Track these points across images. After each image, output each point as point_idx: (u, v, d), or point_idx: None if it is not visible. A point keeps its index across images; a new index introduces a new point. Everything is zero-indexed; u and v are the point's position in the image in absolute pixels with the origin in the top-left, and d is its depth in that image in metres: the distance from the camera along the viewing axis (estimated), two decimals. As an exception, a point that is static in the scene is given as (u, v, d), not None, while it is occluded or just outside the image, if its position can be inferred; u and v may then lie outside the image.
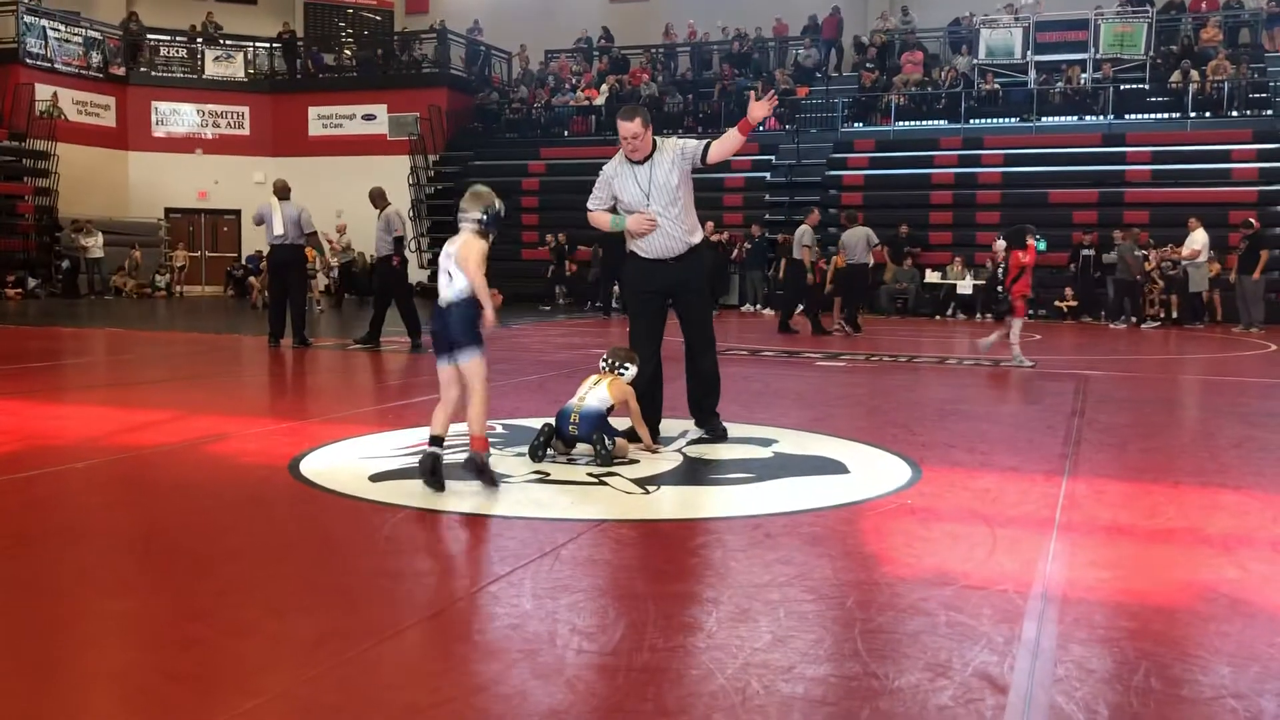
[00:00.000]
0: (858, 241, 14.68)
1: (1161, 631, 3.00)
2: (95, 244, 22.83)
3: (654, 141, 5.83)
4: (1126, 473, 5.33)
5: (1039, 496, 4.67)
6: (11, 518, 4.23)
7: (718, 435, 6.04)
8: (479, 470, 4.52)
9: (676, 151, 5.80)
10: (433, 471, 4.51)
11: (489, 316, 4.56)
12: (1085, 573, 3.57)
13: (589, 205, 5.99)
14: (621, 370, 5.54)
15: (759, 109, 5.69)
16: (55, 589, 3.36)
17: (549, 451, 5.30)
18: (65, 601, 3.25)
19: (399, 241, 11.71)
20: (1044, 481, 4.98)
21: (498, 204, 4.69)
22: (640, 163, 5.80)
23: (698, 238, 5.95)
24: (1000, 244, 15.75)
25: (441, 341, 4.63)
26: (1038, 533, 4.05)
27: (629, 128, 5.72)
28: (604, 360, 5.64)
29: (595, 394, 5.32)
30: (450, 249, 4.60)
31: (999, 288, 10.11)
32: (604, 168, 5.98)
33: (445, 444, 4.62)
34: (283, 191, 11.67)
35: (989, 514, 4.32)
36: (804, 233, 14.70)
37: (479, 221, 4.61)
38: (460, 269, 4.52)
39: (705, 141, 5.85)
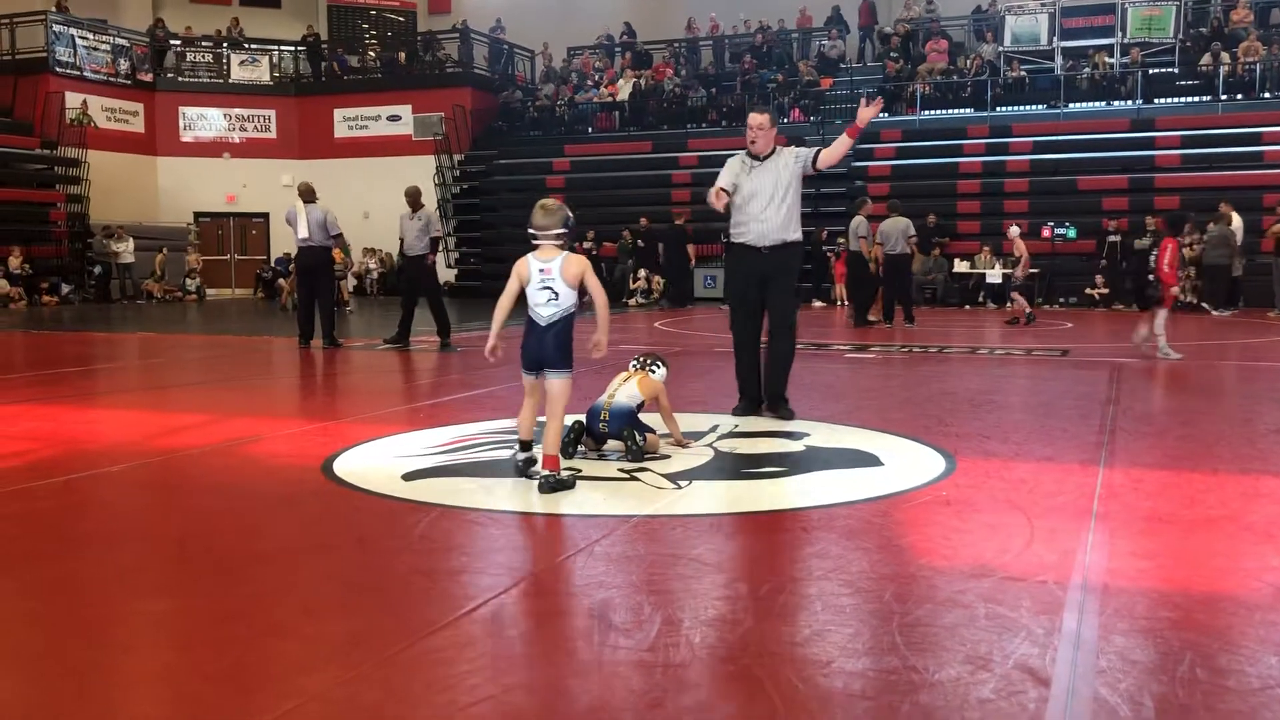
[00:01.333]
0: (899, 232, 14.57)
1: (1205, 621, 2.95)
2: (126, 249, 23.08)
3: (775, 146, 6.53)
4: (1164, 461, 5.26)
5: (1075, 486, 4.62)
6: (49, 521, 4.28)
7: (783, 417, 6.39)
8: (554, 488, 4.53)
9: (791, 156, 6.50)
10: (529, 474, 4.70)
11: (603, 344, 4.78)
12: (1125, 563, 3.52)
13: (717, 182, 6.53)
14: (653, 368, 5.55)
15: (867, 112, 6.32)
16: (93, 591, 3.39)
17: (579, 448, 5.30)
18: (103, 603, 3.28)
19: (435, 242, 11.86)
20: (1080, 471, 4.93)
21: (569, 213, 4.83)
22: (759, 160, 6.47)
23: (793, 235, 6.51)
24: (1015, 230, 15.65)
25: (532, 358, 4.75)
26: (1075, 523, 4.00)
27: (757, 119, 6.45)
28: (635, 360, 5.66)
29: (625, 390, 5.33)
30: (546, 265, 4.68)
31: (1150, 275, 9.92)
32: (730, 160, 6.64)
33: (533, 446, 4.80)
34: (308, 194, 11.72)
35: (1025, 505, 4.28)
36: (859, 224, 14.62)
37: (565, 231, 4.75)
38: (569, 285, 4.64)
39: (815, 149, 6.51)
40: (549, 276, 4.66)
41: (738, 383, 6.70)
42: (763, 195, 6.39)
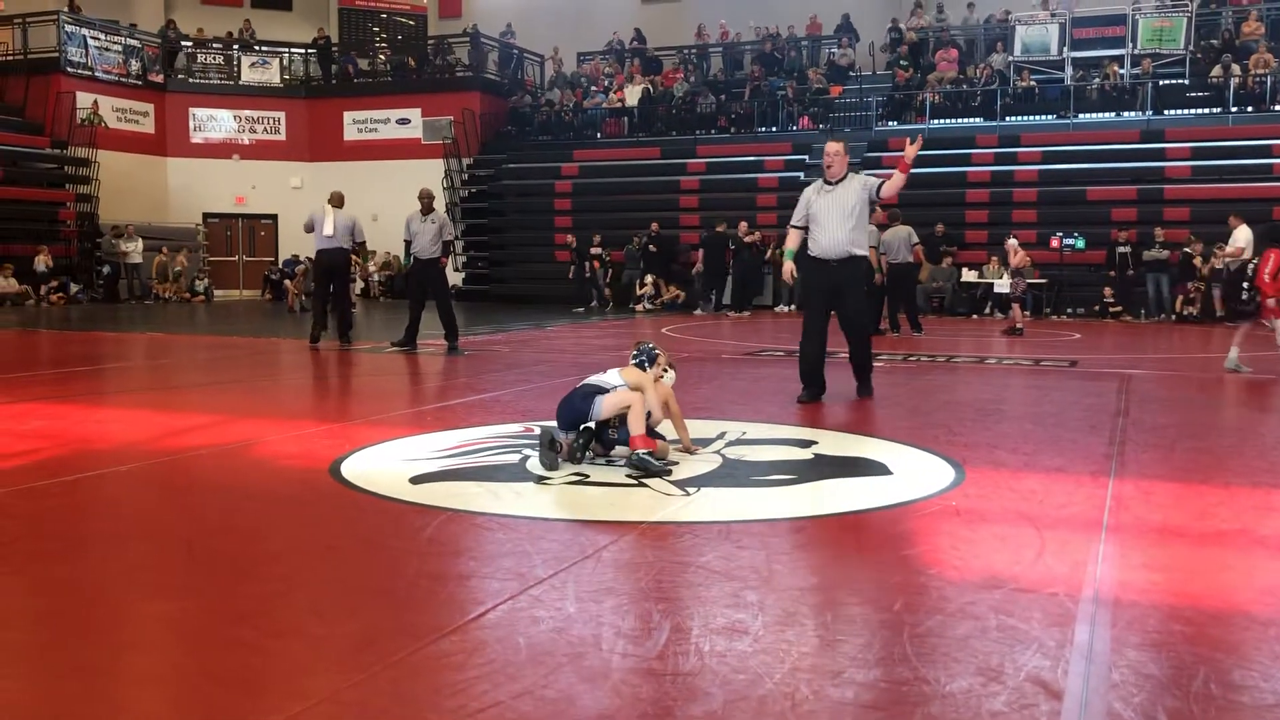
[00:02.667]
0: (900, 241, 14.56)
1: (1219, 636, 2.93)
2: (135, 249, 23.12)
3: (848, 173, 7.51)
4: (1174, 473, 5.24)
5: (1086, 498, 4.60)
6: (58, 520, 4.27)
7: (864, 393, 7.79)
8: (640, 465, 4.97)
9: (860, 182, 7.48)
10: (550, 445, 5.04)
11: (633, 432, 5.05)
12: (1137, 575, 3.50)
13: (791, 222, 7.73)
14: (652, 366, 5.55)
15: (912, 150, 7.31)
16: (101, 591, 3.38)
17: (588, 453, 5.29)
18: (111, 603, 3.27)
19: (448, 245, 12.01)
20: (1090, 482, 4.91)
21: (650, 346, 5.59)
22: (833, 184, 7.46)
23: (858, 251, 7.53)
24: (1013, 242, 15.59)
25: (565, 418, 5.21)
26: (1086, 535, 3.98)
27: (832, 147, 7.50)
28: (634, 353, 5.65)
29: (617, 384, 5.34)
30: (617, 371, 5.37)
31: (1245, 284, 9.81)
32: (805, 190, 7.67)
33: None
34: (338, 201, 12.46)
35: (1036, 516, 4.26)
36: (870, 233, 14.61)
37: (639, 357, 5.49)
38: (620, 379, 5.25)
39: (880, 180, 7.45)
40: (613, 369, 5.41)
41: (800, 374, 7.70)
42: (834, 214, 7.37)
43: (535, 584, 3.35)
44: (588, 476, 4.95)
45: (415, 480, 4.85)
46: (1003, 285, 19.37)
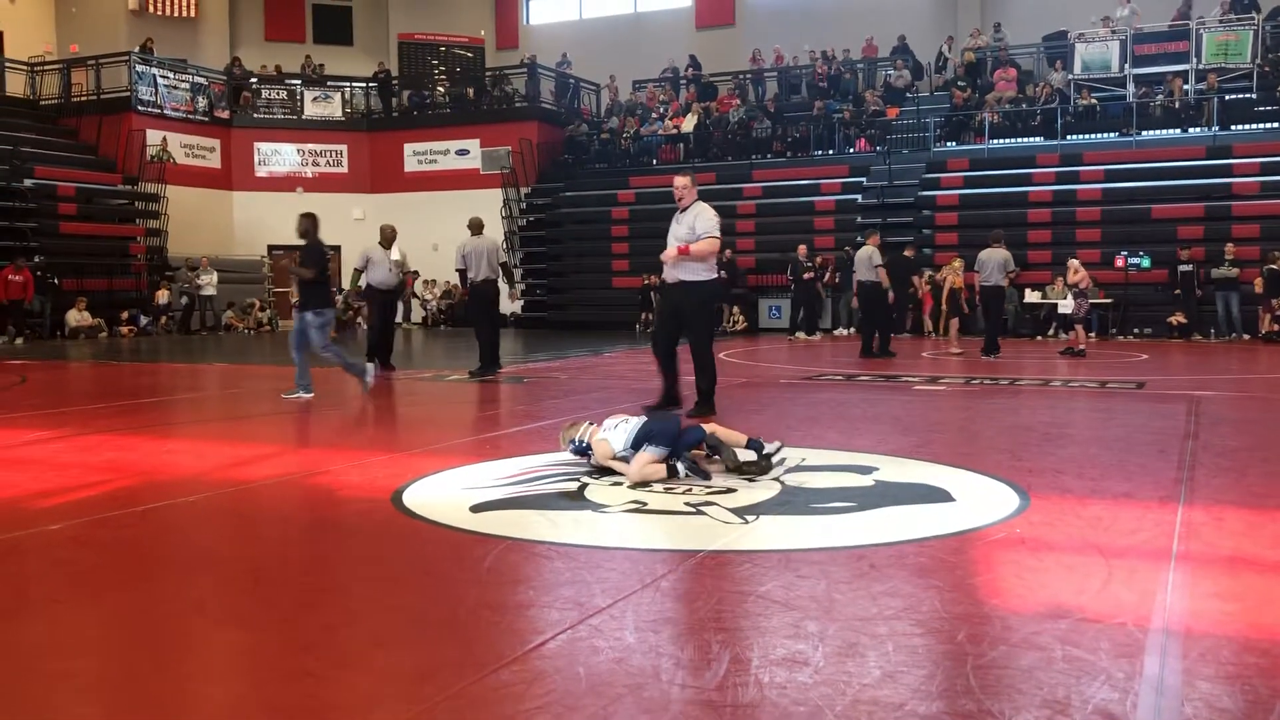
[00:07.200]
0: (995, 264, 14.46)
1: (1296, 668, 2.84)
2: (210, 282, 23.66)
3: (694, 204, 8.23)
4: (1247, 498, 5.10)
5: (1154, 524, 4.50)
6: (130, 550, 4.37)
7: (696, 412, 7.82)
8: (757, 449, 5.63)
9: (696, 214, 8.06)
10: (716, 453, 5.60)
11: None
12: (1208, 605, 3.42)
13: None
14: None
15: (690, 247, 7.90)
16: (169, 621, 3.45)
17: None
18: (181, 633, 3.34)
19: (463, 274, 12.31)
20: (1159, 508, 4.80)
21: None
22: (681, 214, 8.21)
23: (689, 277, 7.99)
24: (1074, 261, 15.37)
25: (671, 434, 5.60)
26: (1155, 563, 3.89)
27: (679, 181, 8.18)
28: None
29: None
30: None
31: None
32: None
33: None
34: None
35: (1102, 543, 4.17)
36: (872, 254, 14.62)
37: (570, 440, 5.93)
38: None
39: (704, 231, 8.02)
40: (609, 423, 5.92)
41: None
42: (671, 242, 8.04)
43: (594, 613, 3.36)
44: (646, 505, 4.95)
45: (475, 509, 4.89)
46: (1066, 305, 19.08)
